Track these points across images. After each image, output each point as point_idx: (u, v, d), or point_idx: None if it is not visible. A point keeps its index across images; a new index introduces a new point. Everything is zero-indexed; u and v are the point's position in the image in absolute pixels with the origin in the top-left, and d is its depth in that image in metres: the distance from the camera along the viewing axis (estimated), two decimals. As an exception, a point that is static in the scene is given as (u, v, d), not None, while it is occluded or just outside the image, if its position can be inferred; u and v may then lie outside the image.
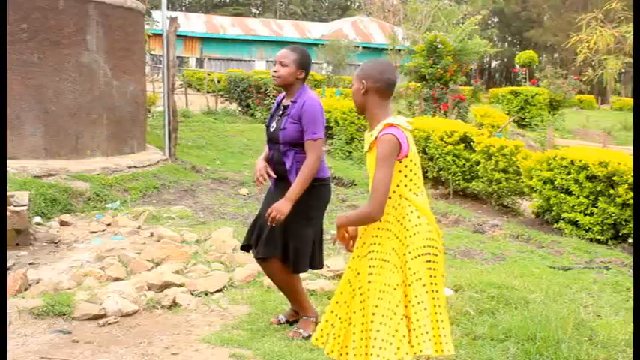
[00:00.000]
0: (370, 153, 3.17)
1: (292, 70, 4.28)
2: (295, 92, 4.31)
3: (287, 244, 4.25)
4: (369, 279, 3.12)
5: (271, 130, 4.40)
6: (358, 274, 3.21)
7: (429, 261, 3.12)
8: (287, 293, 4.51)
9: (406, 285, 3.09)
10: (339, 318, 3.27)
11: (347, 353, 3.19)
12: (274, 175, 4.34)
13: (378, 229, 3.15)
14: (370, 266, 3.14)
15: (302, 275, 5.48)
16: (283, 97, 4.45)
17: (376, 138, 3.09)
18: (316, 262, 4.46)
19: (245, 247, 4.60)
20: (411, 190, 3.13)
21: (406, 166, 3.12)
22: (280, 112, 4.39)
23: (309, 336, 4.22)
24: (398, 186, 3.11)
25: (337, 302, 3.31)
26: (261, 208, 4.48)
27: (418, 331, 3.05)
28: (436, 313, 3.13)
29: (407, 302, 3.08)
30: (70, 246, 6.69)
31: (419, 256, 3.10)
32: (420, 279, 3.08)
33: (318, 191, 4.28)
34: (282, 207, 4.09)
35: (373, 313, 3.07)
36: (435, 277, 3.13)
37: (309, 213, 4.28)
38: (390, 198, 3.10)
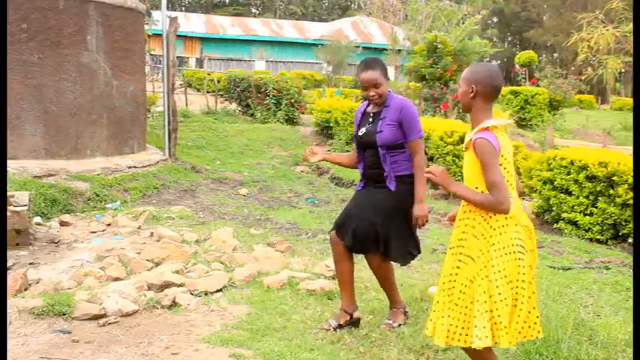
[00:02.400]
0: (466, 152, 3.33)
1: (385, 86, 4.44)
2: (385, 99, 4.44)
3: (388, 241, 4.40)
4: (455, 272, 3.30)
5: (361, 134, 4.53)
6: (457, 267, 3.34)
7: (518, 259, 3.19)
8: (386, 288, 4.66)
9: (489, 281, 3.19)
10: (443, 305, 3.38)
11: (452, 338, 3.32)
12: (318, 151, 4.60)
13: (465, 225, 3.31)
14: (458, 260, 3.31)
15: (302, 275, 5.51)
16: (367, 106, 4.59)
17: (471, 139, 3.24)
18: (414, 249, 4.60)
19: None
20: None
21: (500, 164, 3.23)
22: (371, 119, 4.51)
23: (400, 325, 4.49)
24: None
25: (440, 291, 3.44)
26: (350, 206, 4.60)
27: (499, 325, 3.16)
28: (518, 308, 3.21)
29: (487, 298, 3.18)
30: (70, 246, 6.69)
31: (506, 254, 3.19)
32: (506, 276, 3.17)
33: (412, 187, 4.42)
34: (422, 210, 4.34)
35: (456, 304, 3.26)
36: (523, 274, 3.20)
37: (407, 209, 4.41)
38: None
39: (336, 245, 4.55)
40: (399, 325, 4.55)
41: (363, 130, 4.52)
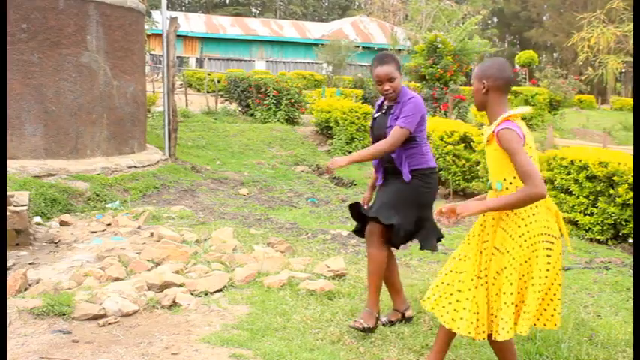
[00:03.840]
0: (488, 146, 3.36)
1: (399, 80, 4.47)
2: (399, 94, 4.48)
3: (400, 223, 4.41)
4: (485, 266, 3.37)
5: (373, 126, 4.66)
6: (487, 264, 3.39)
7: (547, 248, 3.26)
8: (370, 275, 4.56)
9: (517, 272, 3.25)
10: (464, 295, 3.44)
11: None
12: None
13: (493, 218, 3.35)
14: (489, 253, 3.37)
15: (302, 275, 5.51)
16: (383, 100, 4.64)
17: (493, 132, 3.27)
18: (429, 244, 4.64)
19: (358, 233, 4.78)
20: None
21: None
22: (384, 111, 4.58)
23: (369, 328, 4.37)
24: (515, 178, 3.27)
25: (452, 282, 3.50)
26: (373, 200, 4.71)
27: (526, 314, 3.25)
28: (545, 293, 3.33)
29: (514, 289, 3.24)
30: (70, 246, 6.69)
31: (535, 243, 3.24)
32: (531, 265, 3.25)
33: (430, 180, 4.50)
34: (333, 162, 4.32)
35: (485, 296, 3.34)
36: (550, 263, 3.28)
37: (421, 199, 4.47)
38: (507, 189, 3.30)
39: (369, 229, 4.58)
40: (369, 327, 4.38)
41: (377, 124, 4.62)
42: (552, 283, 3.35)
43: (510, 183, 3.29)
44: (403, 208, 4.41)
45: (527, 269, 3.25)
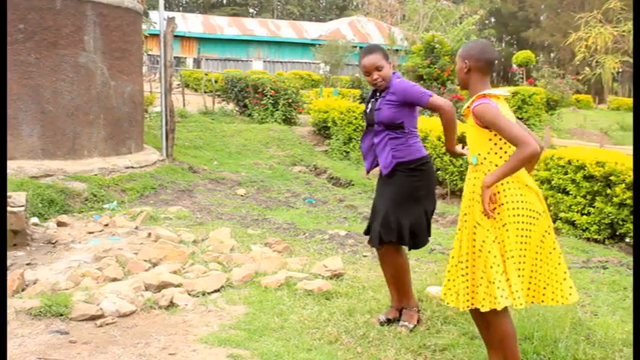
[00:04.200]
0: (467, 122, 3.48)
1: (388, 68, 4.45)
2: (389, 81, 4.46)
3: (401, 225, 4.38)
4: (472, 237, 3.41)
5: (367, 112, 4.60)
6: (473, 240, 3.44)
7: (521, 222, 3.33)
8: (397, 281, 4.60)
9: (500, 242, 3.34)
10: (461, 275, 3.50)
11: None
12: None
13: (472, 196, 3.42)
14: (472, 227, 3.42)
15: (300, 275, 5.51)
16: (375, 92, 4.62)
17: (469, 107, 3.37)
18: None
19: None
20: (501, 157, 3.36)
21: (495, 135, 3.34)
22: (376, 97, 4.55)
23: (415, 327, 4.47)
24: (489, 153, 3.38)
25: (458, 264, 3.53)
26: (375, 198, 4.68)
27: (514, 287, 3.33)
28: (532, 269, 3.42)
29: (500, 261, 3.31)
30: (68, 246, 6.68)
31: (505, 217, 3.33)
32: (504, 240, 3.32)
33: (418, 172, 4.43)
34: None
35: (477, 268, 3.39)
36: (526, 237, 3.35)
37: (416, 193, 4.41)
38: (481, 163, 3.38)
39: (377, 250, 4.62)
40: (414, 326, 4.52)
41: (369, 106, 4.58)
42: (540, 259, 3.40)
43: (485, 158, 3.40)
44: (402, 210, 4.38)
45: (501, 244, 3.33)
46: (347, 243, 7.24)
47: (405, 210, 4.38)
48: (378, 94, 4.55)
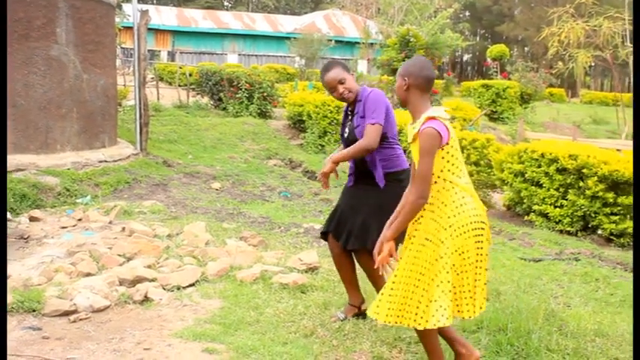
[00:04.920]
0: (414, 144, 3.45)
1: (351, 79, 4.45)
2: (358, 94, 4.44)
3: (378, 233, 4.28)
4: (415, 255, 3.43)
5: (345, 135, 4.56)
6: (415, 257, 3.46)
7: (477, 235, 3.40)
8: (373, 281, 4.60)
9: (448, 262, 3.36)
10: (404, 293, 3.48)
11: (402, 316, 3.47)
12: (337, 178, 4.51)
13: (424, 210, 3.44)
14: (419, 244, 3.44)
15: (275, 269, 5.51)
16: (348, 107, 4.58)
17: (418, 131, 3.37)
18: None
19: (323, 235, 4.76)
20: (454, 173, 3.42)
21: (448, 152, 3.40)
22: (350, 116, 4.53)
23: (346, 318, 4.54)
24: (442, 171, 3.41)
25: (395, 282, 3.51)
26: (341, 202, 4.65)
27: (466, 300, 3.43)
28: (476, 280, 3.44)
29: (450, 277, 3.35)
30: (40, 241, 6.60)
31: (466, 232, 3.38)
32: (463, 252, 3.37)
33: (405, 182, 4.32)
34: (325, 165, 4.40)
35: (416, 286, 3.41)
36: (481, 249, 3.43)
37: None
38: (435, 182, 3.41)
39: (334, 248, 4.61)
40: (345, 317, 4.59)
41: (347, 129, 4.54)
42: (481, 267, 3.45)
43: (438, 176, 3.42)
44: (385, 219, 4.36)
45: (458, 257, 3.36)
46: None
47: (386, 219, 4.36)
48: (350, 113, 4.52)
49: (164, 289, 5.08)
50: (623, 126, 21.71)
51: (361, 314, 4.62)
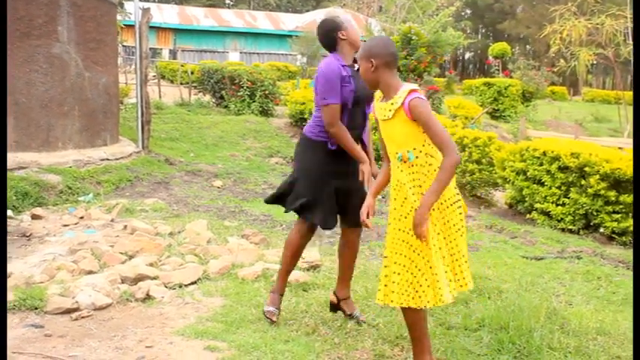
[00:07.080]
0: (393, 119, 3.39)
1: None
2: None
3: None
4: (410, 233, 3.37)
5: (357, 88, 4.24)
6: (408, 232, 3.40)
7: (459, 207, 3.47)
8: (352, 266, 4.60)
9: (445, 237, 3.41)
10: (399, 272, 3.45)
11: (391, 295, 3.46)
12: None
13: (411, 187, 3.39)
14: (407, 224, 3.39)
15: (277, 267, 5.50)
16: (343, 65, 4.23)
17: (402, 104, 3.33)
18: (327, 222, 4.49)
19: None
20: (433, 147, 3.36)
21: None
22: (350, 71, 4.28)
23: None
24: (423, 145, 3.37)
25: (395, 263, 3.47)
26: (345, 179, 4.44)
27: (460, 275, 3.47)
28: (463, 255, 3.49)
29: (450, 249, 3.41)
30: (42, 239, 6.61)
31: (452, 205, 3.43)
32: (455, 225, 3.43)
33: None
34: None
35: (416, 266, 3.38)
36: (462, 220, 3.49)
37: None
38: (417, 157, 3.37)
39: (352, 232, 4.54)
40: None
41: (352, 84, 4.14)
42: (463, 236, 3.47)
43: (420, 151, 3.38)
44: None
45: (446, 230, 3.40)
46: (323, 235, 7.25)
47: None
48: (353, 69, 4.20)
49: (166, 287, 5.08)
50: (625, 124, 21.70)
51: (337, 309, 4.57)
